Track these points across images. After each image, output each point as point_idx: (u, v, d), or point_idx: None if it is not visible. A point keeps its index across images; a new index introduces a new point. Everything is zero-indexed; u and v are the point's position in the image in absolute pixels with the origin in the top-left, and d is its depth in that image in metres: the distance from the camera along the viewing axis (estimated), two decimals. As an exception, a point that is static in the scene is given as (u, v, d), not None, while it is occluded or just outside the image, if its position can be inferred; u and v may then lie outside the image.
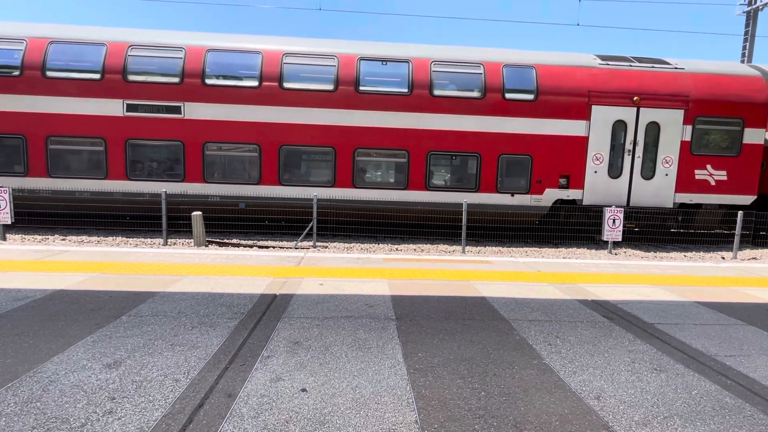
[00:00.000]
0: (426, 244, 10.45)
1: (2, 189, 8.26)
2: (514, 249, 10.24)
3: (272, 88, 9.94)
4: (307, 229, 9.34)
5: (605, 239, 9.36)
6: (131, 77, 9.75)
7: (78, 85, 9.68)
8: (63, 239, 9.42)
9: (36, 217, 9.87)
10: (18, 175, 9.81)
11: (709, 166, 10.71)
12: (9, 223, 8.39)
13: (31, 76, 9.58)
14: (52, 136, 9.76)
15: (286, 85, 9.97)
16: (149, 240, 9.60)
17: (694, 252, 10.55)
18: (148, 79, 9.83)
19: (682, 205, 10.87)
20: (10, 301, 4.24)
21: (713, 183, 10.76)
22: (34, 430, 2.26)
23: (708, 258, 9.76)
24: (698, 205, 10.90)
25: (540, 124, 10.33)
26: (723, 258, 9.73)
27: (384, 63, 10.26)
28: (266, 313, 4.19)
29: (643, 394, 2.87)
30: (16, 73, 9.59)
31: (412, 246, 10.10)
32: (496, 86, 10.25)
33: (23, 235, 9.54)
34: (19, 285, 4.80)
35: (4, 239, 8.52)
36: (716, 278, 6.47)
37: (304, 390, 2.76)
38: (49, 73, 9.62)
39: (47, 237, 9.52)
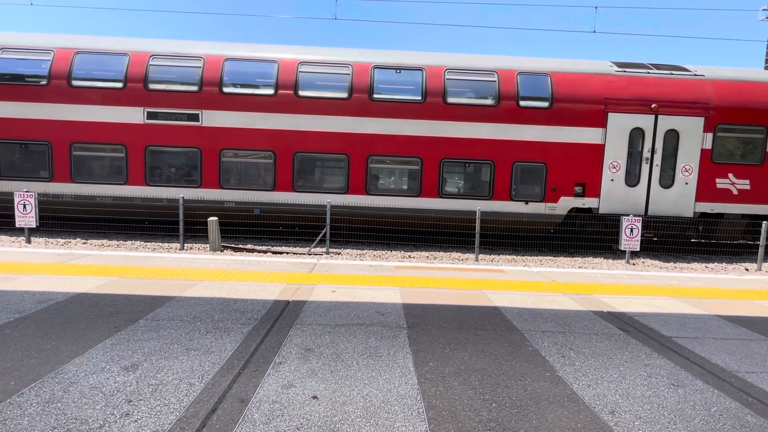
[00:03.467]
0: (439, 251, 10.41)
1: (28, 194, 8.56)
2: (528, 258, 10.12)
3: (288, 96, 10.10)
4: (321, 235, 9.42)
5: (622, 249, 9.19)
6: (152, 86, 10.03)
7: (101, 94, 10.01)
8: (85, 243, 9.69)
9: (59, 221, 10.19)
10: (43, 180, 10.16)
11: (731, 175, 10.44)
12: (34, 226, 8.68)
13: (57, 85, 9.95)
14: (75, 143, 10.09)
15: (301, 93, 10.13)
16: (166, 244, 9.81)
17: (716, 263, 10.25)
18: (168, 87, 10.10)
19: (703, 215, 10.60)
20: (35, 303, 4.39)
21: (735, 192, 10.47)
22: (54, 430, 2.33)
23: (731, 270, 9.47)
24: (720, 215, 10.61)
25: (555, 131, 10.24)
26: (747, 270, 9.43)
27: (398, 71, 10.34)
28: (279, 319, 4.24)
29: (660, 410, 2.80)
30: (44, 82, 9.97)
31: (424, 253, 10.08)
32: (510, 94, 10.22)
33: (47, 239, 9.85)
34: (43, 287, 4.96)
35: (29, 242, 8.81)
36: (738, 291, 6.28)
37: (315, 397, 2.78)
38: (75, 82, 9.97)
39: (69, 240, 9.81)
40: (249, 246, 9.94)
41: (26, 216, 8.55)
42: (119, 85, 10.01)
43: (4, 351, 3.26)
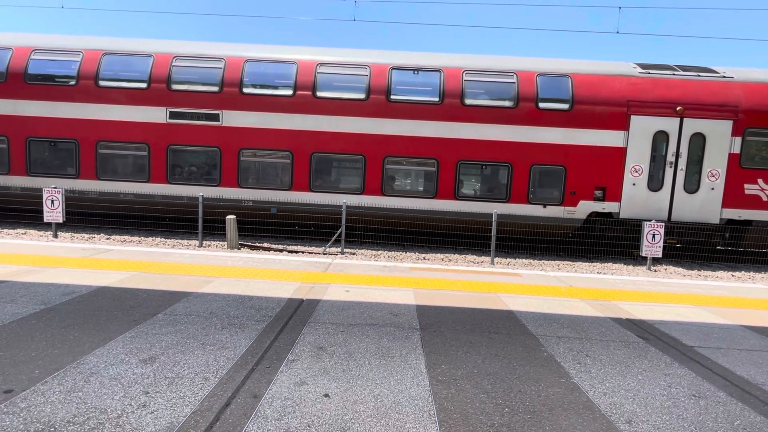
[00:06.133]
0: (454, 254, 10.34)
1: (56, 190, 8.87)
2: (545, 262, 9.96)
3: (306, 96, 10.20)
4: (336, 235, 9.47)
5: (644, 255, 8.95)
6: (174, 86, 10.28)
7: (126, 94, 10.31)
8: (108, 238, 9.99)
9: (84, 216, 10.53)
10: (70, 177, 10.51)
11: (760, 181, 10.05)
12: (61, 221, 8.99)
13: (85, 85, 10.29)
14: (101, 141, 10.41)
15: (320, 94, 10.21)
16: (185, 241, 10.02)
17: (743, 272, 9.89)
18: (189, 88, 10.34)
19: (730, 222, 10.24)
20: (59, 296, 4.54)
21: (765, 198, 10.08)
22: (75, 418, 2.40)
23: (759, 279, 9.12)
24: (748, 222, 10.23)
25: (575, 134, 10.05)
26: (775, 279, 9.06)
27: (416, 72, 10.32)
28: (293, 317, 4.28)
29: (679, 421, 2.72)
30: (72, 82, 10.33)
31: (439, 255, 10.02)
32: (529, 95, 10.08)
33: (72, 234, 10.19)
34: (67, 280, 5.13)
35: (56, 237, 9.13)
36: (767, 301, 6.03)
37: (326, 395, 2.79)
38: (102, 83, 10.29)
39: (94, 236, 10.12)
40: (265, 244, 10.07)
41: (54, 211, 8.86)
42: (143, 85, 10.29)
43: (30, 341, 3.39)
